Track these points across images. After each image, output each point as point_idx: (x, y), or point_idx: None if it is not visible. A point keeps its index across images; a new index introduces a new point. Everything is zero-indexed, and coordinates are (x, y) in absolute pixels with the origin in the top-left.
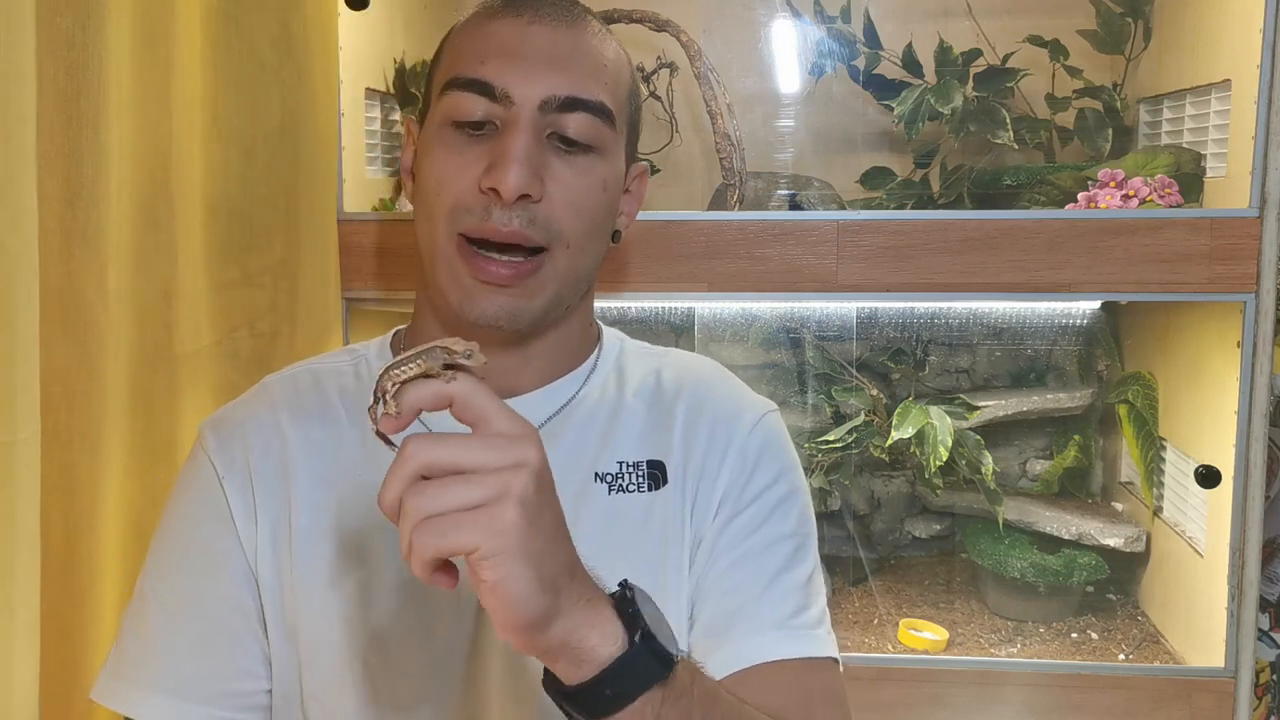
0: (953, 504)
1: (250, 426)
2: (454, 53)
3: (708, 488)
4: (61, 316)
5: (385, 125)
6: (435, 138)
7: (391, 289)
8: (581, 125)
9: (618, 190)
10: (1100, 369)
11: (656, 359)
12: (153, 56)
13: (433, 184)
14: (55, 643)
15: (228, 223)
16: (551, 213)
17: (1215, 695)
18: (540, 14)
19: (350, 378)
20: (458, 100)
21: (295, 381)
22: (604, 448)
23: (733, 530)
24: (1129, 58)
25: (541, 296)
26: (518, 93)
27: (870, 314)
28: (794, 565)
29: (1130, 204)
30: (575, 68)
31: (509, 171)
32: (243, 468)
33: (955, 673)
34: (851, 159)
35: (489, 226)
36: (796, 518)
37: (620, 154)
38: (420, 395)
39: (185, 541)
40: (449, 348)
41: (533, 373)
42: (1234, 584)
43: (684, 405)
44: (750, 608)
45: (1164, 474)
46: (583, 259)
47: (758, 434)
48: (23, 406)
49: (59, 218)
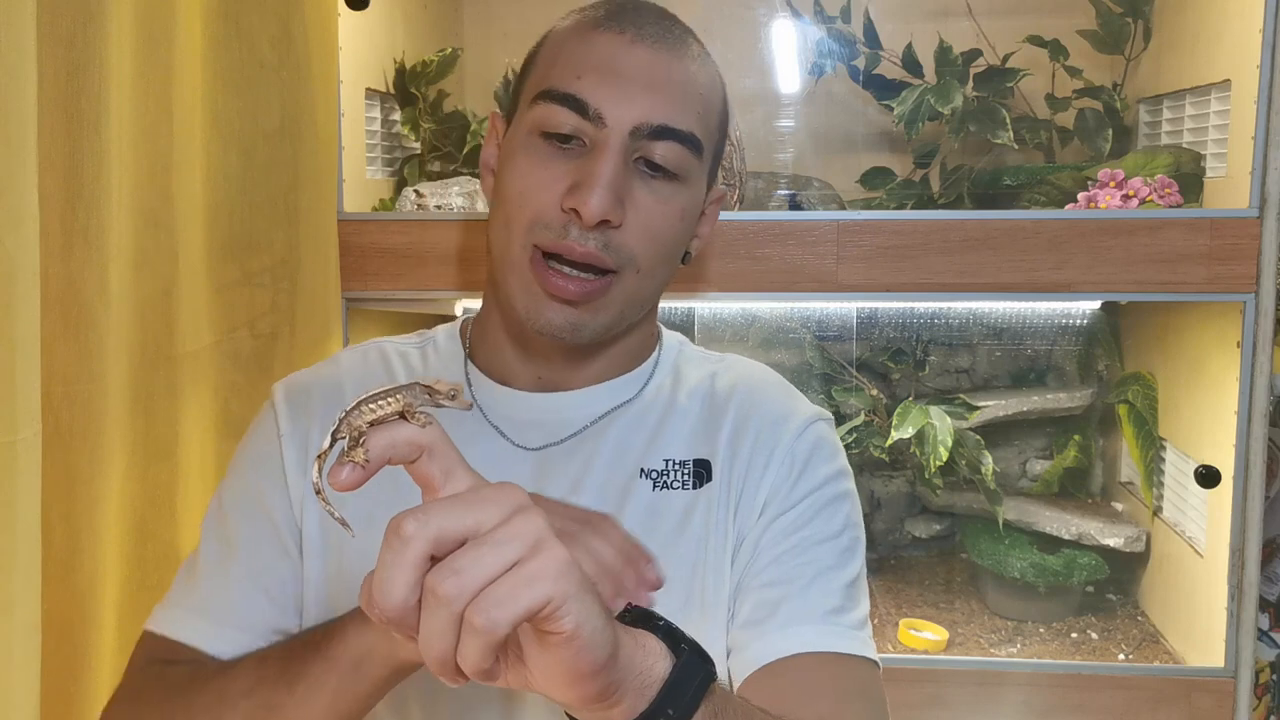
0: (953, 504)
1: (316, 392)
2: (551, 60)
3: (753, 488)
4: (61, 316)
5: (385, 125)
6: (522, 144)
7: (391, 289)
8: (669, 153)
9: (695, 217)
10: (1100, 369)
11: (713, 364)
12: (153, 56)
13: (515, 193)
14: (55, 643)
15: (228, 223)
16: (627, 239)
17: (1215, 695)
18: (643, 33)
19: (416, 359)
20: (549, 112)
21: (365, 355)
22: (652, 445)
23: (778, 528)
24: (1129, 58)
25: (606, 314)
26: (611, 115)
27: (870, 314)
28: (840, 566)
29: (1130, 204)
30: (670, 95)
31: (593, 196)
32: (304, 430)
33: (955, 673)
34: (851, 159)
35: (566, 245)
36: (844, 520)
37: (703, 181)
38: (392, 441)
39: (242, 487)
40: (431, 387)
41: (590, 373)
42: (1234, 584)
43: (735, 407)
44: (793, 601)
45: (1164, 474)
46: (651, 282)
47: (807, 438)
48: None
49: (59, 218)
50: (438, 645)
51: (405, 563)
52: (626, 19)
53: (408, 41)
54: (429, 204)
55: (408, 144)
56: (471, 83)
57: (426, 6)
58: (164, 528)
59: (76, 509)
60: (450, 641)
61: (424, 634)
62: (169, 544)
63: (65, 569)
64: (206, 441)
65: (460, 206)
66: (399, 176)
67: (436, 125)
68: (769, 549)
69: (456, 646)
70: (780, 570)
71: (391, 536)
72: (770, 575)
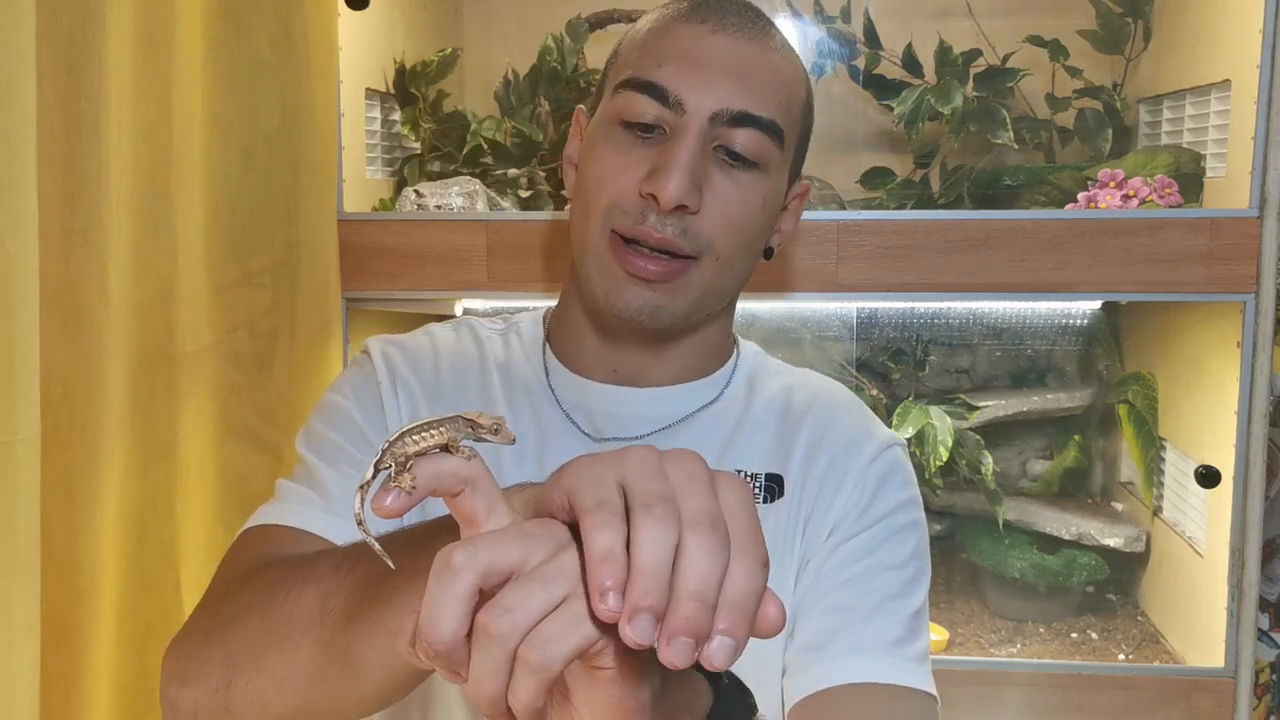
0: (953, 504)
1: (411, 351)
2: (633, 51)
3: (823, 508)
4: (61, 316)
5: (385, 125)
6: (602, 134)
7: (391, 289)
8: (749, 141)
9: (776, 208)
10: (1100, 369)
11: (791, 376)
12: (153, 56)
13: (594, 179)
14: (55, 643)
15: (228, 223)
16: (705, 225)
17: (1215, 695)
18: (724, 23)
19: (499, 344)
20: (629, 100)
21: (457, 331)
22: (726, 454)
23: (845, 552)
24: (1129, 58)
25: (685, 299)
26: (690, 101)
27: (870, 314)
28: (904, 595)
29: (1130, 204)
30: (751, 82)
31: (670, 180)
32: (404, 379)
33: (955, 673)
34: (851, 159)
35: (643, 229)
36: (912, 549)
37: (785, 172)
38: (438, 471)
39: (343, 414)
40: (475, 420)
41: (667, 370)
42: (1234, 584)
43: (810, 424)
44: (854, 628)
45: (1164, 474)
46: (730, 272)
47: (881, 463)
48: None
49: (59, 218)
50: (490, 684)
51: (455, 595)
52: (709, 10)
53: (408, 41)
54: (429, 204)
55: (408, 144)
56: (471, 83)
57: (426, 6)
58: (164, 528)
59: (76, 509)
60: (503, 680)
61: (475, 673)
62: (169, 544)
63: (65, 569)
64: (206, 442)
65: (460, 206)
66: (399, 176)
67: (436, 125)
68: (834, 573)
69: (508, 685)
70: (844, 596)
71: (441, 569)
72: (833, 600)
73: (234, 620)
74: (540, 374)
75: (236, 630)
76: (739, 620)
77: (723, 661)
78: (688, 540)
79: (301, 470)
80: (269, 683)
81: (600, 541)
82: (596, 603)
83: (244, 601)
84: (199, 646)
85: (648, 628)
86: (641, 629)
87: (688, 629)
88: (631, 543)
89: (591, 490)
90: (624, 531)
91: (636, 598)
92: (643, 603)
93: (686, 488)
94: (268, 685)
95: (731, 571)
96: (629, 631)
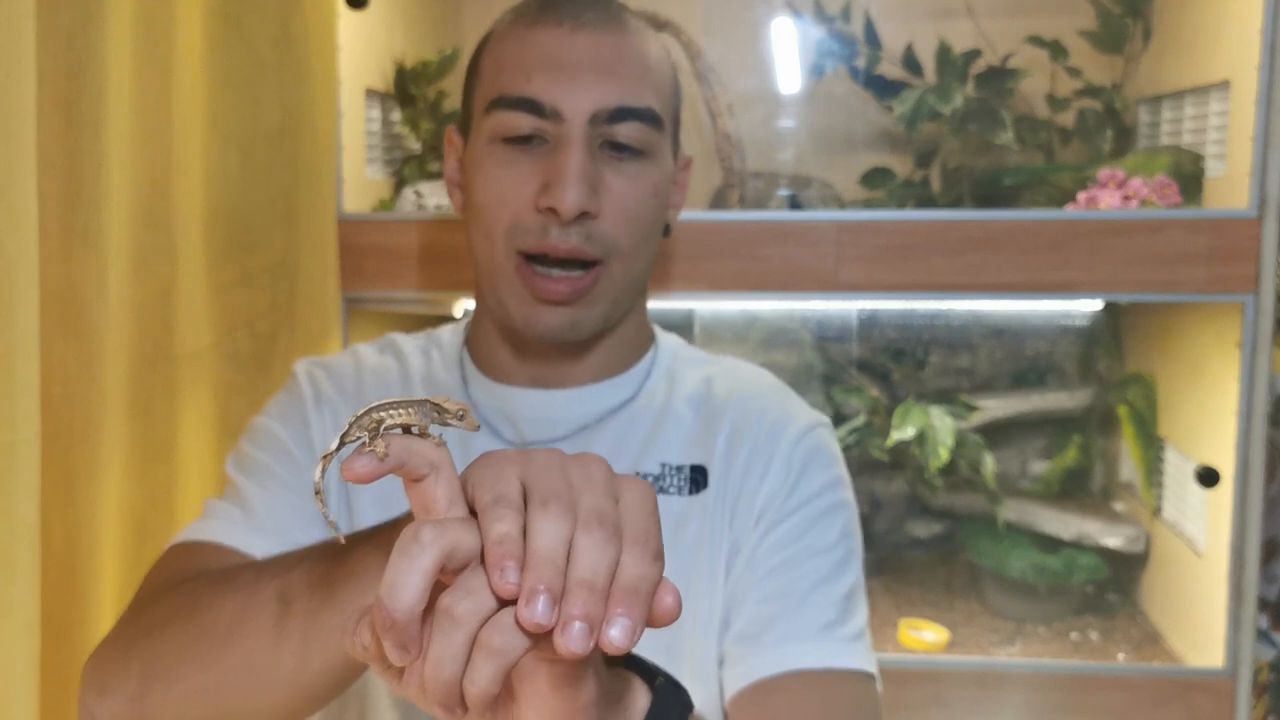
0: (953, 504)
1: (336, 370)
2: (496, 65)
3: (749, 496)
4: (61, 317)
5: (385, 125)
6: (485, 153)
7: (391, 289)
8: (632, 133)
9: (668, 190)
10: (1100, 369)
11: (710, 366)
12: (153, 56)
13: (489, 202)
14: (55, 643)
15: (228, 223)
16: (607, 227)
17: (1214, 695)
18: (581, 20)
19: (420, 359)
20: (505, 119)
21: (381, 350)
22: (648, 449)
23: (774, 538)
24: (1129, 58)
25: (600, 306)
26: (567, 107)
27: (871, 314)
28: (835, 578)
29: (1130, 204)
30: (622, 75)
31: (566, 191)
32: (328, 397)
33: (955, 673)
34: (851, 159)
35: (549, 244)
36: (840, 531)
37: (668, 152)
38: (411, 450)
39: (271, 434)
40: (441, 405)
41: (586, 370)
42: (1234, 584)
43: (731, 413)
44: (786, 616)
45: (1164, 474)
46: (637, 264)
47: (804, 446)
48: (23, 406)
49: (59, 218)
50: (449, 668)
51: (419, 568)
52: (563, 10)
53: (407, 42)
54: (429, 204)
55: (407, 144)
56: None
57: (426, 6)
58: (163, 528)
59: (76, 509)
60: (461, 664)
61: (435, 656)
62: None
63: (65, 569)
64: (206, 442)
65: None
66: (399, 176)
67: (436, 125)
68: (765, 560)
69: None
70: (776, 584)
71: (409, 542)
72: (766, 589)
73: (153, 630)
74: (459, 384)
75: (155, 640)
76: (631, 603)
77: (621, 643)
78: (578, 535)
79: (230, 489)
80: (185, 692)
81: (497, 529)
82: (495, 579)
83: (164, 612)
84: (118, 655)
85: (545, 609)
86: (540, 609)
87: (580, 613)
88: (527, 533)
89: (492, 486)
90: (520, 523)
91: (532, 581)
92: (538, 585)
93: (583, 488)
94: (184, 695)
95: (623, 564)
96: (525, 612)
